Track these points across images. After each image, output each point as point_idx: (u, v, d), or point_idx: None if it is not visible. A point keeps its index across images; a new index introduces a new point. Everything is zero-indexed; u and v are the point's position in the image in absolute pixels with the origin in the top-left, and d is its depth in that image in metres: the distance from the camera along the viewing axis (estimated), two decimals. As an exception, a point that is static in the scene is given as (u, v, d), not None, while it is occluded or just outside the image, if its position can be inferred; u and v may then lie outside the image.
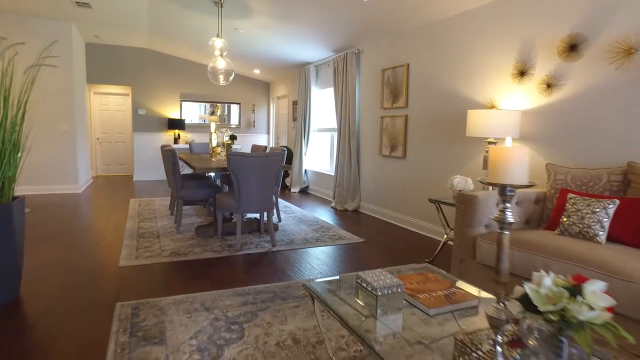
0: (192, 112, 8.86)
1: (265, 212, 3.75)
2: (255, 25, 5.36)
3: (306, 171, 7.32)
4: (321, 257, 3.49)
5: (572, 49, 2.82)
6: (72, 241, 3.76)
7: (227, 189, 4.86)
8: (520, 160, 0.97)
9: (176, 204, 4.22)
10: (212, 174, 5.40)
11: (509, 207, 1.03)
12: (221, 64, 4.82)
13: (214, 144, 4.92)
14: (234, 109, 9.30)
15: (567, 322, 0.86)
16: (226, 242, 3.81)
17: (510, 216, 1.03)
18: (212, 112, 9.08)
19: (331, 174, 6.50)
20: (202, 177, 4.85)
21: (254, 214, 4.59)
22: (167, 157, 4.14)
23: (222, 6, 4.70)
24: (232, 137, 4.80)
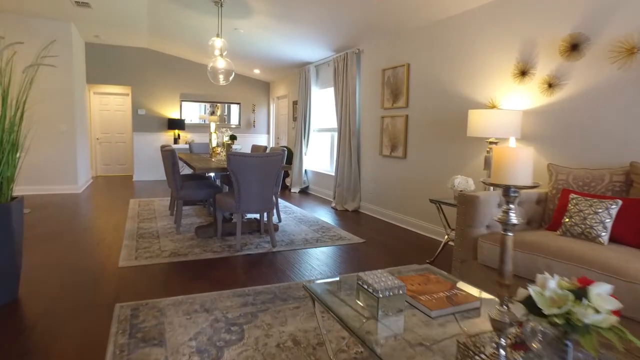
0: (192, 112, 8.84)
1: (265, 213, 3.74)
2: (255, 25, 5.35)
3: (306, 171, 7.30)
4: (321, 257, 3.47)
5: (573, 48, 2.81)
6: (71, 241, 3.74)
7: (227, 189, 4.84)
8: (524, 160, 0.96)
9: (176, 204, 4.21)
10: (212, 174, 5.38)
11: (513, 208, 1.01)
12: (221, 63, 4.80)
13: (214, 144, 4.91)
14: (234, 109, 9.28)
15: (573, 326, 0.85)
16: (226, 243, 3.79)
17: (514, 217, 1.01)
18: (212, 112, 9.06)
19: (331, 174, 6.48)
20: (202, 178, 4.83)
21: (254, 214, 4.57)
22: (167, 157, 4.13)
23: (222, 6, 4.69)
24: (232, 137, 4.78)
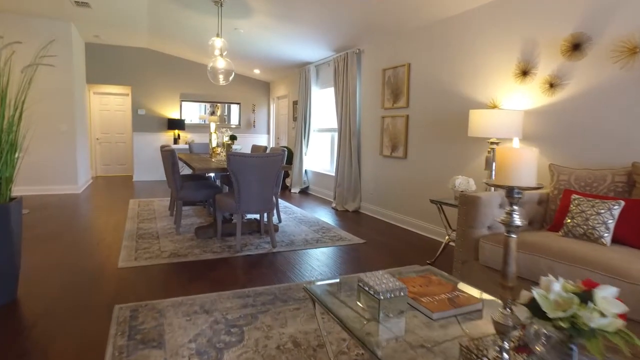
0: (192, 112, 8.83)
1: (265, 213, 3.72)
2: (255, 24, 5.33)
3: (306, 171, 7.29)
4: (322, 258, 3.46)
5: (575, 48, 2.79)
6: (71, 242, 3.73)
7: (227, 189, 4.83)
8: (528, 161, 0.94)
9: (176, 205, 4.20)
10: (212, 175, 5.37)
11: (516, 209, 1.00)
12: (221, 63, 4.79)
13: (214, 144, 4.90)
14: (234, 109, 9.27)
15: (578, 330, 0.83)
16: (226, 243, 3.78)
17: (517, 219, 1.00)
18: (212, 112, 9.05)
19: (332, 174, 6.47)
20: (201, 178, 4.82)
21: (254, 215, 4.56)
22: (167, 157, 4.11)
23: (222, 6, 4.68)
24: (232, 138, 4.77)
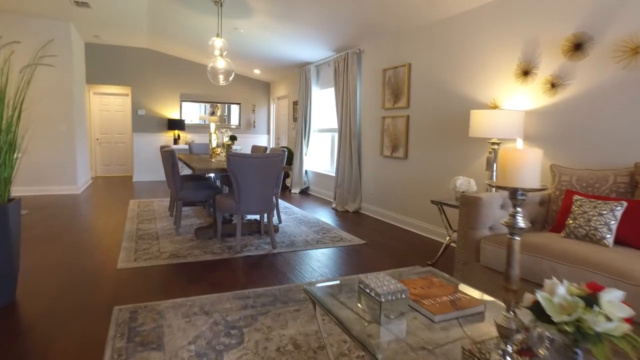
0: (192, 113, 8.82)
1: (265, 214, 3.71)
2: (255, 24, 5.32)
3: (307, 172, 7.27)
4: (322, 259, 3.44)
5: (577, 48, 2.78)
6: (70, 243, 3.71)
7: (227, 190, 4.81)
8: (532, 162, 0.92)
9: (175, 205, 4.18)
10: (212, 175, 5.36)
11: (520, 211, 0.98)
12: (221, 64, 4.78)
13: (214, 144, 4.88)
14: (234, 109, 9.26)
15: (583, 334, 0.82)
16: (226, 244, 3.76)
17: (521, 221, 0.98)
18: (212, 113, 9.03)
19: (332, 174, 6.45)
20: (201, 178, 4.80)
21: (254, 216, 4.54)
22: (167, 158, 4.10)
23: (222, 6, 4.66)
24: (232, 138, 4.75)
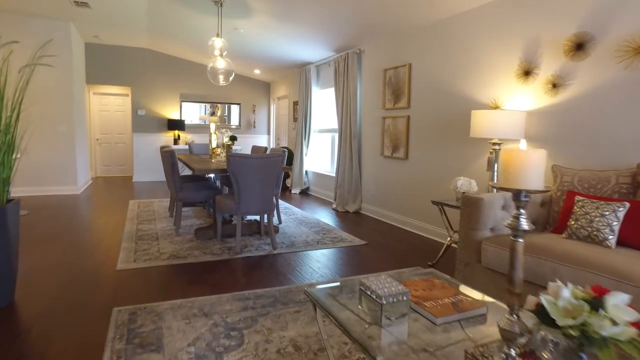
0: (192, 113, 8.80)
1: (265, 214, 3.69)
2: (255, 24, 5.31)
3: (307, 172, 7.26)
4: (322, 260, 3.43)
5: (578, 47, 2.76)
6: (69, 243, 3.70)
7: (227, 190, 4.80)
8: (536, 163, 0.91)
9: (175, 206, 4.17)
10: (212, 176, 5.34)
11: (524, 213, 0.97)
12: (221, 64, 4.76)
13: (214, 144, 4.87)
14: (234, 110, 9.24)
15: (589, 338, 0.80)
16: (226, 245, 3.75)
17: (525, 223, 0.97)
18: (212, 113, 9.02)
19: (332, 175, 6.44)
20: (201, 179, 4.79)
21: (254, 216, 4.53)
22: (166, 158, 4.08)
23: (222, 5, 4.65)
24: (232, 138, 4.74)
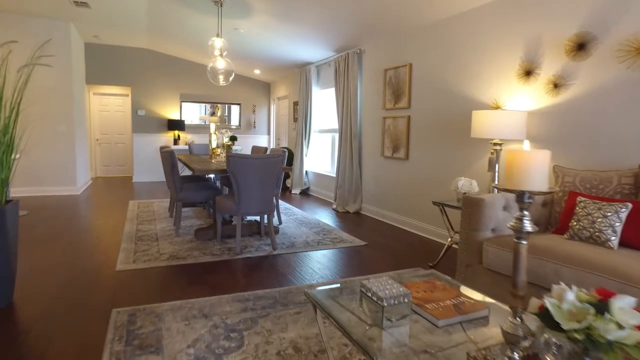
0: (192, 113, 8.79)
1: (265, 215, 3.68)
2: (255, 24, 5.30)
3: (307, 172, 7.25)
4: (323, 260, 3.41)
5: (580, 47, 2.75)
6: (69, 244, 3.69)
7: (227, 191, 4.79)
8: (540, 164, 0.90)
9: (175, 206, 4.16)
10: (212, 176, 5.33)
11: (527, 214, 0.96)
12: (221, 64, 4.75)
13: (214, 145, 4.86)
14: (234, 110, 9.23)
15: (594, 342, 0.79)
16: (226, 245, 3.74)
17: (528, 225, 0.96)
18: (213, 113, 9.01)
19: (332, 175, 6.43)
20: (201, 179, 4.78)
21: (254, 217, 4.52)
22: (166, 158, 4.07)
23: (222, 5, 4.64)
24: (232, 138, 4.73)
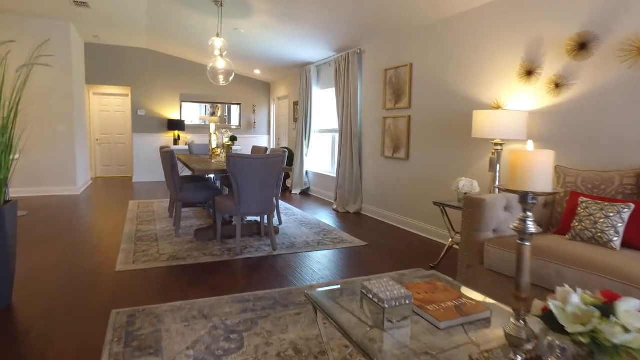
0: (192, 113, 8.78)
1: (265, 215, 3.67)
2: (255, 24, 5.29)
3: (307, 173, 7.24)
4: (323, 261, 3.40)
5: (581, 47, 2.74)
6: (68, 244, 3.68)
7: (227, 191, 4.78)
8: (544, 165, 0.89)
9: (175, 207, 4.14)
10: (212, 176, 5.32)
11: (531, 216, 0.95)
12: (221, 64, 4.74)
13: (214, 145, 4.85)
14: (235, 110, 9.22)
15: (599, 345, 0.78)
16: (226, 246, 3.72)
17: (532, 226, 0.94)
18: (213, 113, 9.00)
19: (332, 175, 6.41)
20: (201, 179, 4.77)
21: (254, 217, 4.51)
22: (166, 158, 4.06)
23: (222, 5, 4.63)
24: (232, 138, 4.72)
